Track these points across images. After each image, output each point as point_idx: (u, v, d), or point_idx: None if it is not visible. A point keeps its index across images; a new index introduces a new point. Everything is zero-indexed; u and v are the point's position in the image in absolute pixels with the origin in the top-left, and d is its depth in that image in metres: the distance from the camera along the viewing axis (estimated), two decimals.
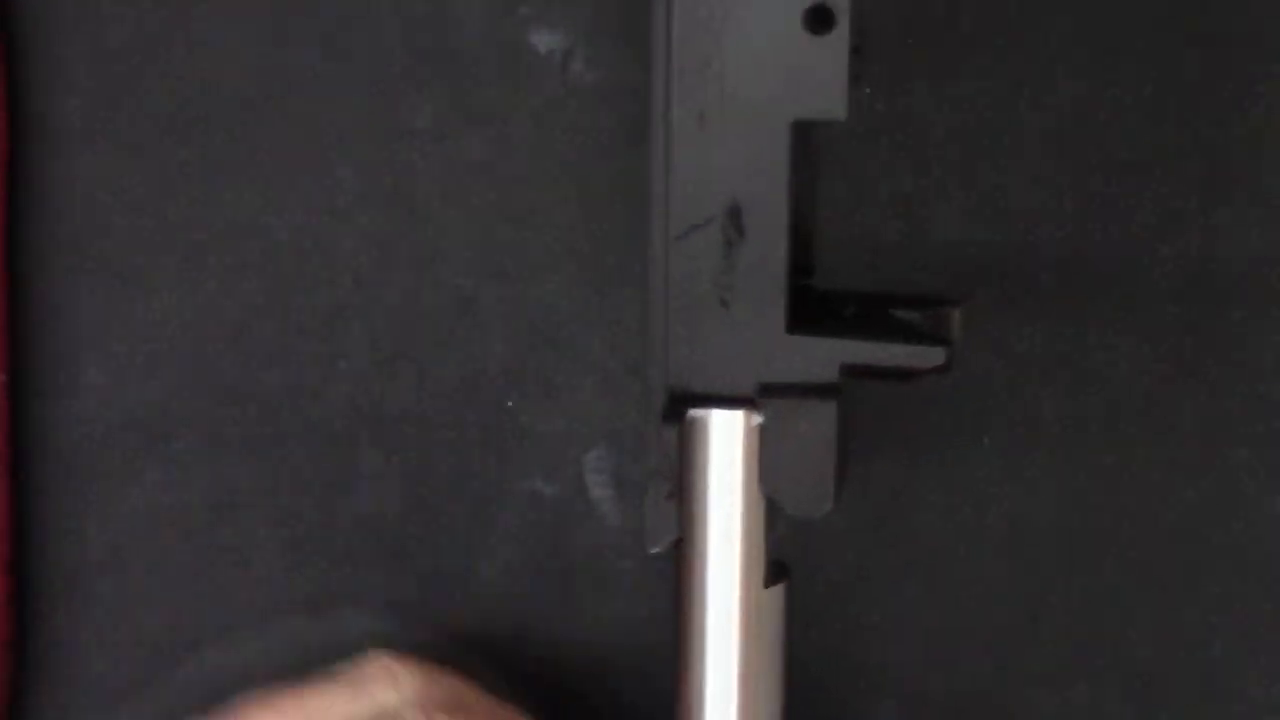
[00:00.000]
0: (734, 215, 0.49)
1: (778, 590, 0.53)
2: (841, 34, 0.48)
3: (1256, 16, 0.61)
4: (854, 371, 0.50)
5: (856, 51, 0.51)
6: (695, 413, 0.51)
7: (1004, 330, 0.63)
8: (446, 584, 0.66)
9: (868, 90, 0.62)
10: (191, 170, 0.65)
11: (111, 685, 0.67)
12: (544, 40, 0.63)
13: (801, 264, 0.53)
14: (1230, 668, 0.64)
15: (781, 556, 0.54)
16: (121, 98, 0.65)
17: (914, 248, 0.63)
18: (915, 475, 0.64)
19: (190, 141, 0.65)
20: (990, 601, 0.65)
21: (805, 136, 0.51)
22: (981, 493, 0.64)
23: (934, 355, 0.50)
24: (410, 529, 0.66)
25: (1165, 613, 0.64)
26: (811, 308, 0.52)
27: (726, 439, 0.51)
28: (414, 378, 0.65)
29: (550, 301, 0.64)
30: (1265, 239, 0.62)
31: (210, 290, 0.66)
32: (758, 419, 0.50)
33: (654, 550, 0.52)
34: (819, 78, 0.48)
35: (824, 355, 0.50)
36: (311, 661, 0.66)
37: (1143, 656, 0.65)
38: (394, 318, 0.65)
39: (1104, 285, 0.63)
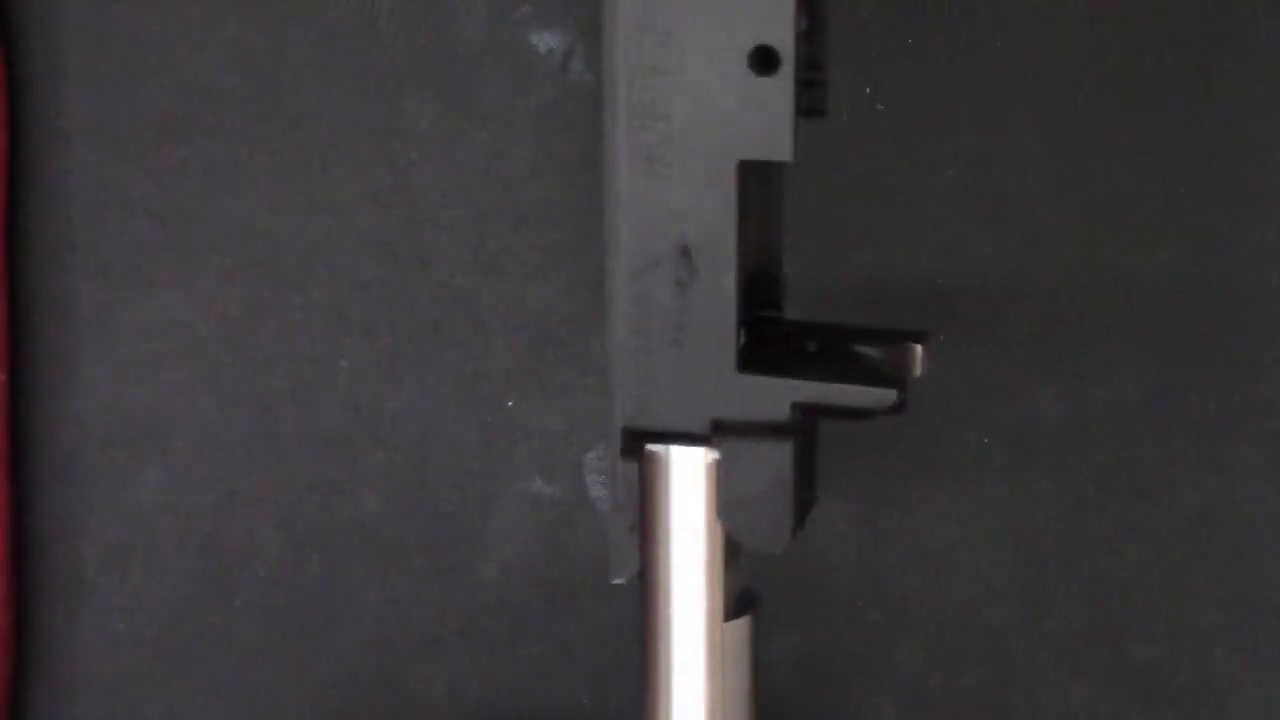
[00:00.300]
0: (684, 255, 0.49)
1: (742, 622, 0.53)
2: (786, 75, 0.48)
3: (1256, 17, 0.61)
4: (807, 410, 0.50)
5: (820, 85, 0.51)
6: (654, 448, 0.51)
7: (1004, 330, 0.63)
8: (446, 584, 0.66)
9: (868, 90, 0.62)
10: (191, 170, 0.65)
11: (111, 685, 0.67)
12: (544, 40, 0.63)
13: (767, 298, 0.53)
14: (1230, 668, 0.64)
15: (751, 585, 0.54)
16: (121, 98, 0.65)
17: (911, 247, 0.63)
18: (915, 475, 0.64)
19: (190, 141, 0.65)
20: (990, 601, 0.65)
21: (763, 173, 0.51)
22: (982, 493, 0.64)
23: (885, 397, 0.50)
24: (410, 529, 0.66)
25: (1165, 613, 0.64)
26: (772, 343, 0.53)
27: (685, 474, 0.51)
28: (414, 378, 0.65)
29: (550, 301, 0.64)
30: (1265, 239, 0.62)
31: (210, 290, 0.66)
32: (715, 455, 0.51)
33: (616, 581, 0.52)
34: (765, 119, 0.48)
35: (776, 394, 0.50)
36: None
37: (1143, 656, 0.65)
38: (394, 318, 0.65)
39: (1104, 285, 0.63)
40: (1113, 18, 0.61)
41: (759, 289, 0.53)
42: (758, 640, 0.54)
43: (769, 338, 0.53)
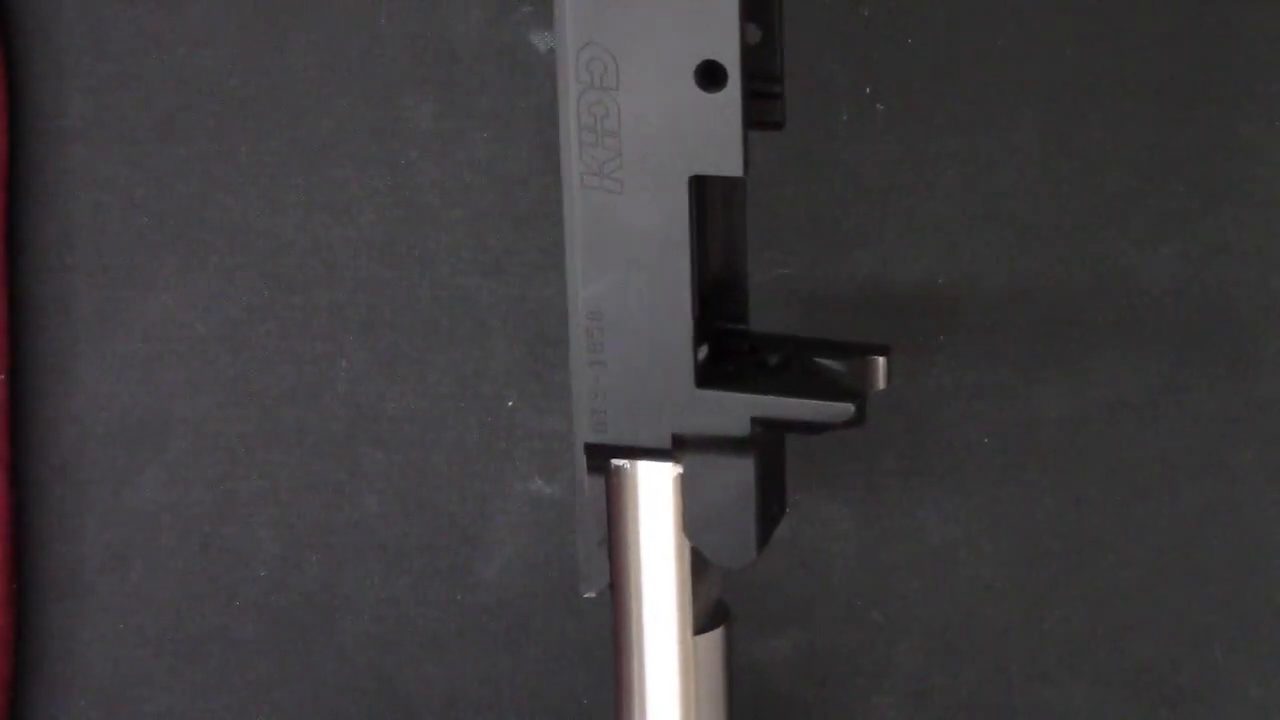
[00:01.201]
0: (639, 270, 0.49)
1: (713, 635, 0.53)
2: (734, 91, 0.47)
3: (1255, 17, 0.61)
4: (766, 424, 0.50)
5: (776, 98, 0.51)
6: (619, 463, 0.51)
7: (1004, 330, 0.63)
8: (446, 584, 0.66)
9: (867, 90, 0.62)
10: (191, 170, 0.65)
11: (111, 685, 0.67)
12: (544, 40, 0.63)
13: (730, 311, 0.53)
14: (1230, 668, 0.64)
15: (723, 598, 0.54)
16: (121, 98, 0.65)
17: (911, 247, 0.63)
18: (916, 475, 0.64)
19: (190, 141, 0.65)
20: (990, 601, 0.65)
21: (723, 186, 0.51)
22: (982, 493, 0.64)
23: (842, 411, 0.50)
24: (410, 529, 0.66)
25: (1165, 613, 0.64)
26: (735, 356, 0.53)
27: (651, 489, 0.51)
28: (414, 378, 0.65)
29: (550, 301, 0.64)
30: (1264, 240, 0.62)
31: (210, 290, 0.66)
32: (680, 469, 0.51)
33: (587, 595, 0.53)
34: (714, 134, 0.48)
35: (735, 409, 0.50)
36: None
37: (1143, 656, 0.65)
38: (394, 318, 0.65)
39: (1104, 285, 0.63)
40: (1112, 17, 0.61)
41: (722, 302, 0.53)
42: (731, 652, 0.53)
43: (733, 351, 0.53)
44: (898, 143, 0.63)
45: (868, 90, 0.63)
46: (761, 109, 0.51)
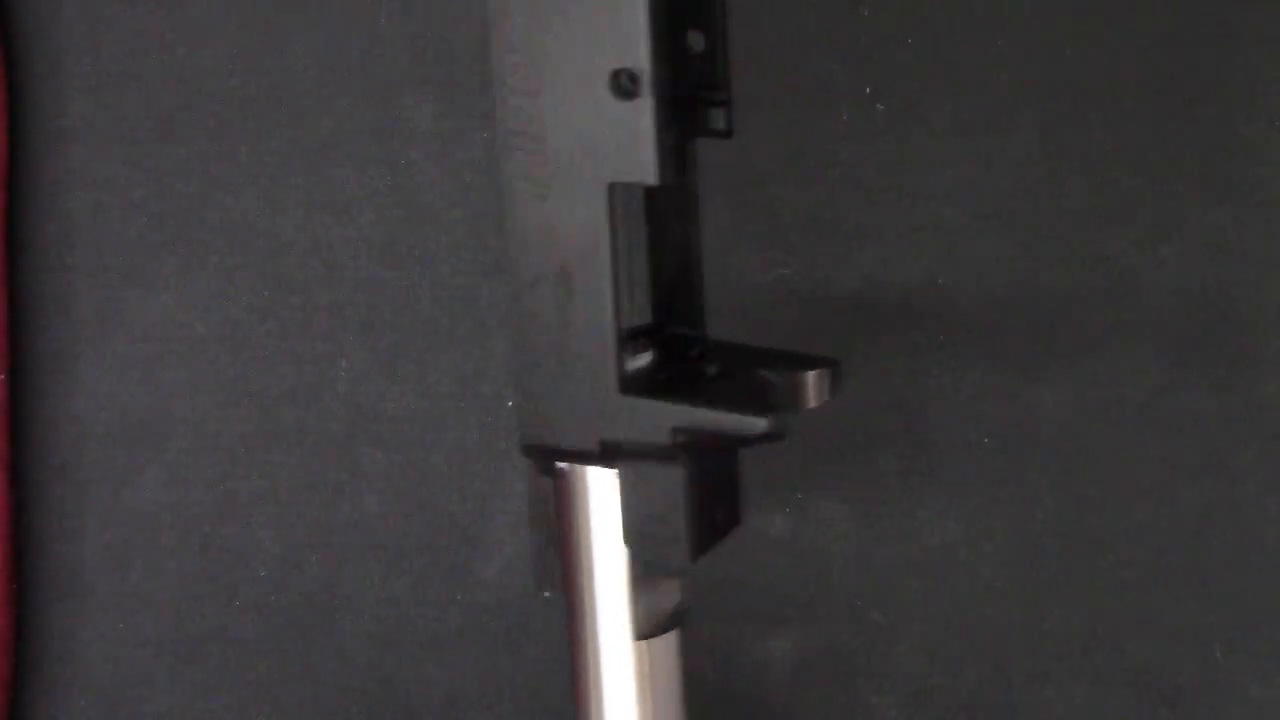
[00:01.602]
0: (564, 276, 0.49)
1: (665, 639, 0.52)
2: (646, 99, 0.48)
3: (1255, 17, 0.61)
4: (686, 433, 0.50)
5: (722, 105, 0.51)
6: (564, 465, 0.51)
7: (1004, 330, 0.63)
8: (446, 584, 0.66)
9: (867, 90, 0.62)
10: (191, 170, 0.65)
11: (111, 685, 0.67)
12: None
13: (683, 316, 0.53)
14: (1230, 668, 0.64)
15: (681, 602, 0.54)
16: (121, 98, 0.65)
17: (911, 247, 0.63)
18: (916, 475, 0.64)
19: (190, 141, 0.65)
20: (990, 601, 0.65)
21: (681, 192, 0.51)
22: (982, 493, 0.64)
23: (755, 425, 0.50)
24: (410, 529, 0.66)
25: (1165, 613, 0.64)
26: (679, 363, 0.52)
27: (597, 492, 0.51)
28: (414, 378, 0.65)
29: None
30: (1265, 240, 0.62)
31: (210, 290, 0.66)
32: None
33: (546, 595, 0.52)
34: (629, 142, 0.48)
35: (655, 417, 0.50)
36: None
37: (1143, 656, 0.64)
38: (394, 318, 0.65)
39: (1105, 285, 0.63)
40: (1112, 17, 0.61)
41: (675, 307, 0.53)
42: (685, 657, 0.53)
43: (685, 356, 0.53)
44: (898, 143, 0.63)
45: (868, 90, 0.63)
46: (706, 117, 0.51)
